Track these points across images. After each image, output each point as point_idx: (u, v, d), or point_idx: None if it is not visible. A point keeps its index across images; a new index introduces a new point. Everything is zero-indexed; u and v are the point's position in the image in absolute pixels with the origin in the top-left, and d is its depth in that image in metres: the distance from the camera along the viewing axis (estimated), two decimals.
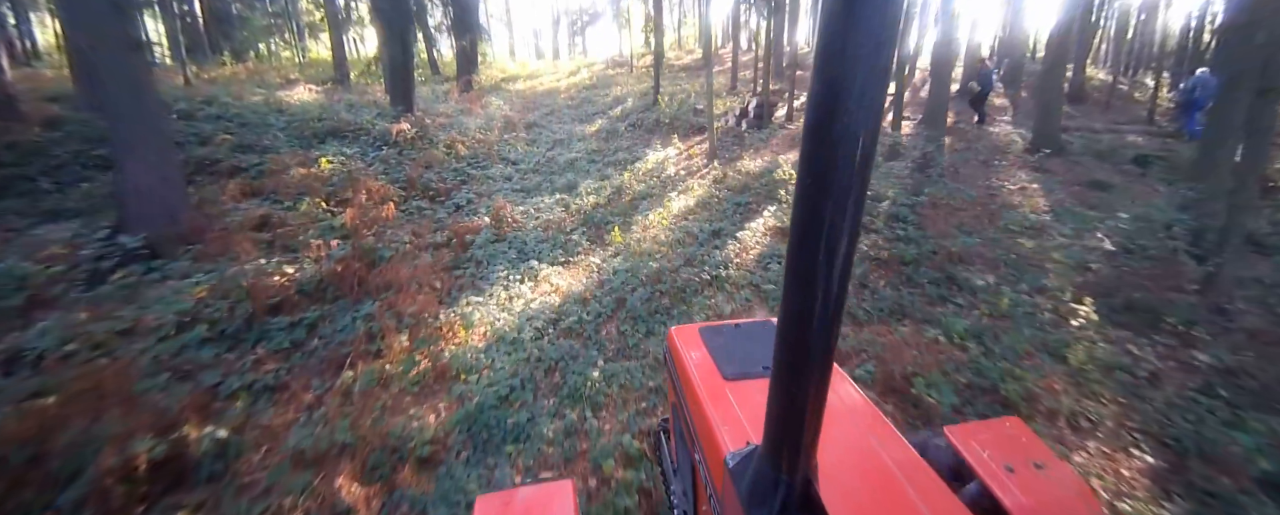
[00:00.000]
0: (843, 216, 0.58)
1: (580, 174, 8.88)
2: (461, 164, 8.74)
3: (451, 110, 12.68)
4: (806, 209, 0.61)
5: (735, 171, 8.56)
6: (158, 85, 12.80)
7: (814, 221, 0.60)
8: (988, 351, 3.82)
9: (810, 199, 0.60)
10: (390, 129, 8.99)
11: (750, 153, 10.00)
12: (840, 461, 1.05)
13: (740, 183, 7.87)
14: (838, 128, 0.55)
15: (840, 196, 0.58)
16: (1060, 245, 5.62)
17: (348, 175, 6.83)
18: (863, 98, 0.54)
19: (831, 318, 0.65)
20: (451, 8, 17.84)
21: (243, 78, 16.66)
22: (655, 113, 12.84)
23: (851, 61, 0.53)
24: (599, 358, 3.89)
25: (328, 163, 8.11)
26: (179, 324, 3.80)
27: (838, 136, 0.56)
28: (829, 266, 0.61)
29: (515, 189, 8.00)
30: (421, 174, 7.73)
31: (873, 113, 0.56)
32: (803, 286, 0.64)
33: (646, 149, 10.41)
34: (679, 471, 1.85)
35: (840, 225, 0.59)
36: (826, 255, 0.60)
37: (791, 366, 0.71)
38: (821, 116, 0.57)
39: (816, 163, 0.59)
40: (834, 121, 0.55)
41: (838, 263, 0.61)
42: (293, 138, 9.56)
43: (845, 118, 0.55)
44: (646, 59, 23.86)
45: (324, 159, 8.13)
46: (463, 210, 6.86)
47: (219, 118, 10.25)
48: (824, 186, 0.58)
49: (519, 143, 10.82)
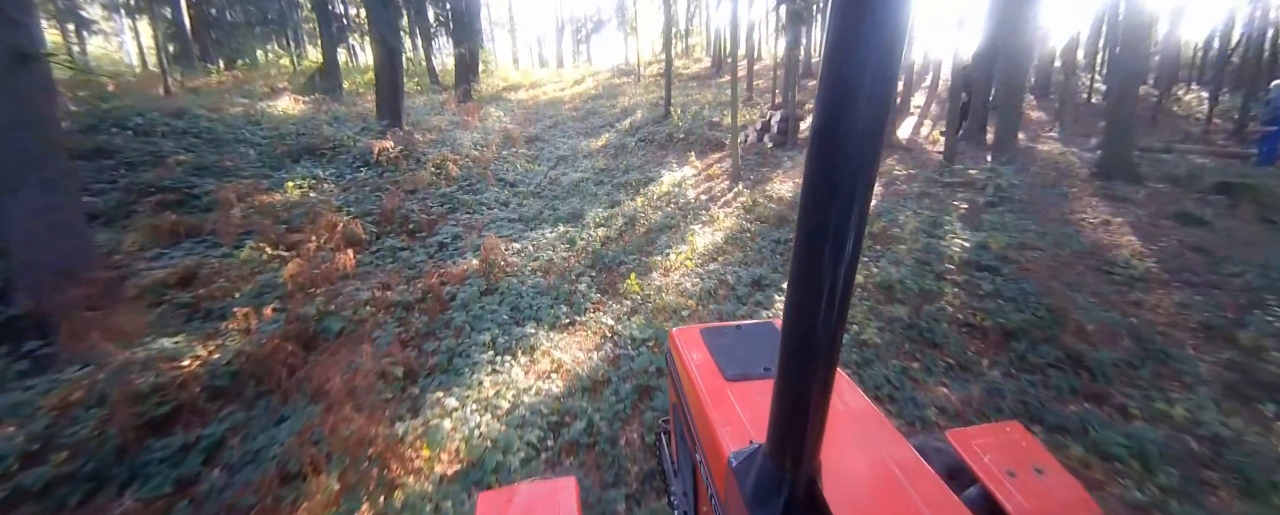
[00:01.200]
0: (849, 217, 0.58)
1: (587, 199, 7.70)
2: (451, 188, 7.56)
3: (446, 123, 11.53)
4: (812, 210, 0.60)
5: (765, 197, 7.37)
6: (129, 94, 11.73)
7: (820, 222, 0.59)
8: (1169, 487, 2.61)
9: (816, 200, 0.59)
10: (372, 147, 7.83)
11: (778, 174, 8.82)
12: (843, 462, 1.03)
13: (774, 212, 6.68)
14: (845, 129, 0.55)
15: (846, 198, 0.57)
16: (1188, 305, 4.41)
17: (308, 210, 5.64)
18: (871, 100, 0.53)
19: (836, 318, 0.64)
20: (449, 13, 16.76)
21: (229, 86, 15.60)
22: (667, 126, 11.68)
23: (859, 63, 0.52)
24: (620, 499, 2.69)
25: (295, 188, 6.96)
26: (24, 454, 2.61)
27: (845, 138, 0.55)
28: (834, 267, 0.60)
29: (511, 219, 6.82)
30: (401, 203, 6.56)
31: (880, 115, 0.54)
32: (808, 287, 0.64)
33: (660, 168, 9.23)
34: (679, 472, 1.77)
35: (846, 226, 0.58)
36: (832, 256, 0.60)
37: (796, 366, 0.70)
38: (829, 118, 0.56)
39: (823, 164, 0.58)
40: (841, 123, 0.55)
41: (843, 264, 0.60)
42: (264, 156, 8.42)
43: (853, 120, 0.54)
44: (653, 68, 22.78)
45: (290, 183, 6.98)
46: (446, 250, 5.67)
47: (185, 132, 9.12)
48: (830, 188, 0.57)
49: (518, 160, 9.66)
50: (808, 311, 0.65)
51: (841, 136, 0.55)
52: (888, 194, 7.52)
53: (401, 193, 7.09)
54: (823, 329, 0.65)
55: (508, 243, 5.88)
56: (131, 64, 21.72)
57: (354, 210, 6.03)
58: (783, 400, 0.74)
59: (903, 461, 1.07)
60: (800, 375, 0.70)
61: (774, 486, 0.81)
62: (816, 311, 0.64)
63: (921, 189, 7.62)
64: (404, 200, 6.76)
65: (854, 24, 0.52)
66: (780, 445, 0.79)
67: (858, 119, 0.54)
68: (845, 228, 0.59)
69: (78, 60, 23.92)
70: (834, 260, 0.60)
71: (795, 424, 0.74)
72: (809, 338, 0.66)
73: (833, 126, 0.56)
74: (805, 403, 0.71)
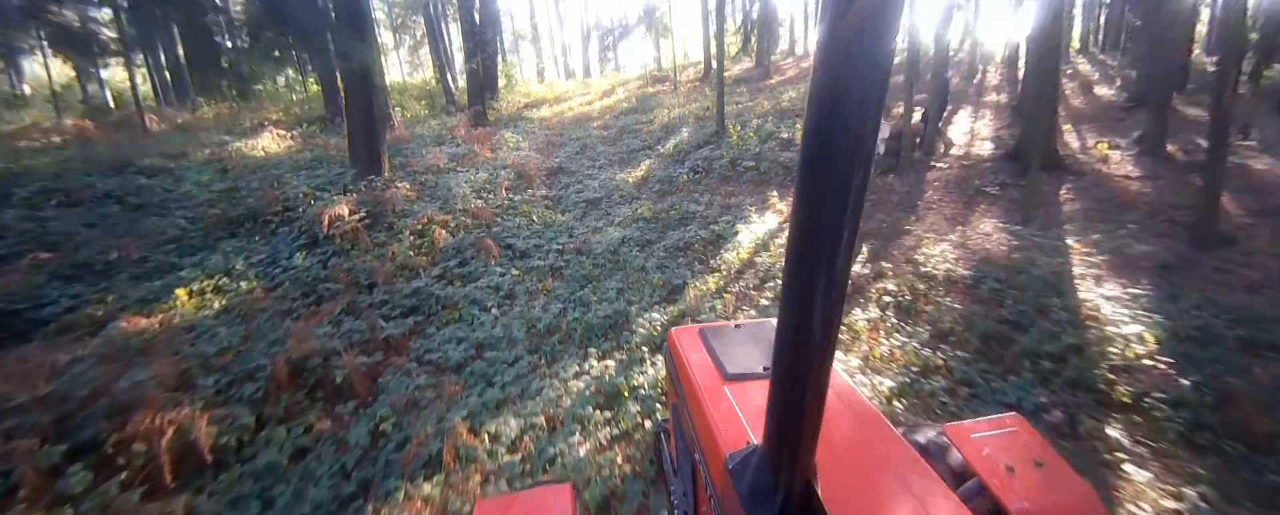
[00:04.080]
0: (842, 217, 0.56)
1: (631, 280, 4.94)
2: (430, 274, 4.93)
3: (447, 158, 9.00)
4: (806, 209, 0.59)
5: (923, 278, 4.44)
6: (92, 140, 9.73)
7: (814, 222, 0.58)
8: None
9: (810, 199, 0.58)
10: (322, 216, 5.29)
11: (913, 221, 5.85)
12: (840, 461, 1.01)
13: (959, 317, 3.77)
14: (838, 128, 0.53)
15: (840, 196, 0.56)
16: None
17: (110, 407, 3.00)
18: (863, 98, 0.52)
19: (831, 317, 0.63)
20: (460, 25, 14.38)
21: (215, 122, 13.63)
22: (725, 147, 8.83)
23: (852, 61, 0.51)
24: None
25: (188, 299, 4.47)
26: None
27: (838, 137, 0.54)
28: (829, 267, 0.59)
29: (509, 342, 4.09)
30: (337, 323, 3.95)
31: (873, 113, 0.53)
32: (803, 286, 0.62)
33: (731, 215, 6.38)
34: (679, 472, 1.68)
35: (840, 225, 0.57)
36: (826, 256, 0.59)
37: (792, 366, 0.68)
38: (821, 117, 0.55)
39: (816, 163, 0.57)
40: (834, 122, 0.54)
41: (838, 263, 0.59)
42: (193, 228, 6.04)
43: (845, 118, 0.53)
44: (688, 72, 19.88)
45: (182, 293, 4.48)
46: (382, 448, 2.99)
47: (108, 197, 6.88)
48: (823, 187, 0.56)
49: (534, 209, 6.99)
50: (803, 311, 0.63)
51: (834, 136, 0.54)
52: None
53: (351, 292, 4.50)
54: (818, 329, 0.62)
55: (501, 419, 3.18)
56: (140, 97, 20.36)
57: (228, 374, 3.38)
58: (779, 402, 0.72)
59: (900, 459, 1.02)
60: (796, 376, 0.68)
61: (770, 488, 0.78)
62: (811, 311, 0.62)
63: None
64: (345, 313, 4.17)
65: (845, 24, 0.49)
66: (776, 446, 0.77)
67: (850, 119, 0.52)
68: (839, 227, 0.57)
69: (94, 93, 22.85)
70: (828, 260, 0.58)
71: (791, 426, 0.72)
72: (804, 338, 0.64)
73: (825, 126, 0.54)
74: (801, 404, 0.68)
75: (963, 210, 6.03)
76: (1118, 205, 6.09)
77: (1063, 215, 5.90)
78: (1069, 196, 6.36)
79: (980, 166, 7.41)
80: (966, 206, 6.13)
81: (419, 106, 15.13)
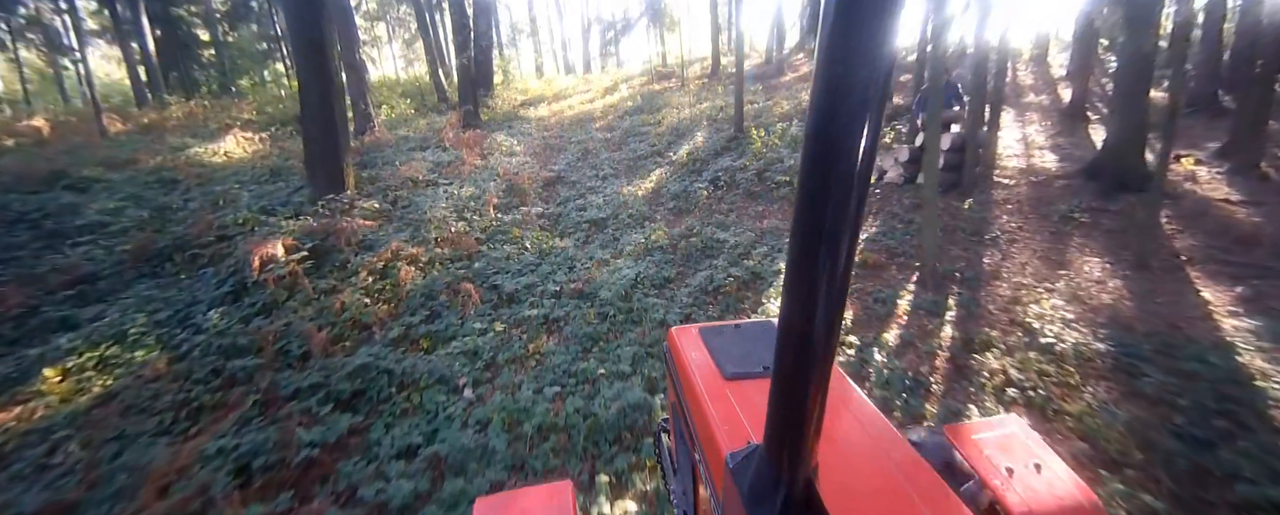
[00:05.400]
0: (845, 216, 0.54)
1: (650, 343, 3.78)
2: (388, 336, 3.76)
3: (427, 168, 7.79)
4: (808, 208, 0.56)
5: (1041, 349, 3.27)
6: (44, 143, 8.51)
7: (816, 221, 0.56)
8: None
9: (812, 198, 0.56)
10: (252, 256, 4.09)
11: (996, 257, 4.67)
12: (841, 461, 0.97)
13: (1126, 429, 2.61)
14: (840, 127, 0.51)
15: (842, 195, 0.53)
16: None
17: None
18: (865, 97, 0.49)
19: (833, 316, 0.60)
20: (449, 15, 13.11)
21: (181, 122, 12.37)
22: (748, 155, 7.63)
23: (853, 60, 0.49)
24: None
25: (56, 380, 3.29)
26: None
27: (839, 136, 0.51)
28: (831, 266, 0.57)
29: (483, 455, 2.90)
30: (233, 437, 2.79)
31: (875, 112, 0.51)
32: (805, 285, 0.60)
33: (764, 245, 5.20)
34: (679, 471, 1.65)
35: (842, 225, 0.55)
36: (829, 255, 0.56)
37: (793, 365, 0.66)
38: (823, 116, 0.52)
39: (818, 162, 0.54)
40: (836, 121, 0.51)
41: (840, 262, 0.57)
42: (108, 263, 4.86)
43: (847, 117, 0.50)
44: (693, 70, 18.57)
45: (50, 374, 3.30)
46: None
47: (20, 218, 5.69)
48: (825, 186, 0.54)
49: (527, 233, 5.81)
50: (804, 310, 0.60)
51: (835, 136, 0.51)
52: None
53: (271, 369, 3.32)
54: (819, 328, 0.60)
55: None
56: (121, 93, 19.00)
57: None
58: (779, 401, 0.69)
59: (900, 459, 0.98)
60: (797, 375, 0.65)
61: (771, 487, 0.76)
62: (813, 310, 0.59)
63: None
64: (257, 409, 2.98)
65: (846, 22, 0.47)
66: (777, 445, 0.74)
67: (851, 118, 0.50)
68: (841, 226, 0.54)
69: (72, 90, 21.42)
70: (830, 259, 0.56)
71: (792, 424, 0.70)
72: (805, 337, 0.62)
73: (827, 125, 0.51)
74: (802, 403, 0.66)
75: (1053, 244, 4.85)
76: (1234, 240, 4.91)
77: (1179, 254, 4.73)
78: (1174, 227, 5.17)
79: (1053, 184, 6.22)
80: (1056, 238, 4.94)
81: (406, 105, 13.86)
